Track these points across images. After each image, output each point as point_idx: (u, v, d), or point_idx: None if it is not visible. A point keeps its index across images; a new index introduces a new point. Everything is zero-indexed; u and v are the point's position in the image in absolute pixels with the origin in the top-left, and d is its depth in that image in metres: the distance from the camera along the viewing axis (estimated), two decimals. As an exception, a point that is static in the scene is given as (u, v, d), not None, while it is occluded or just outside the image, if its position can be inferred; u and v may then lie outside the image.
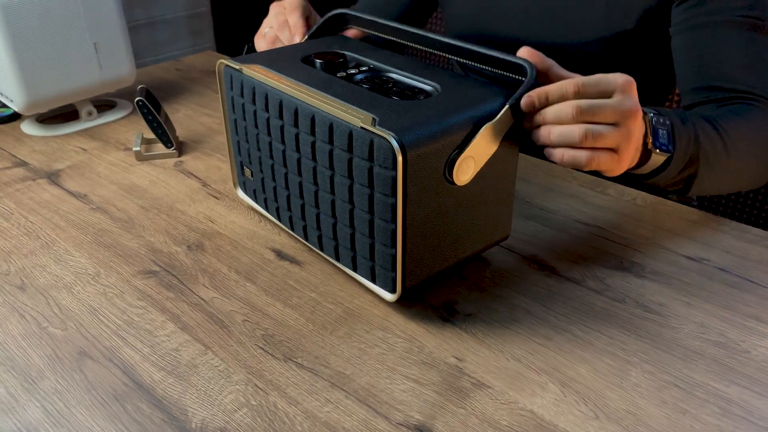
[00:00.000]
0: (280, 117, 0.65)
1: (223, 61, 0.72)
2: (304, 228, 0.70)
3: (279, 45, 0.86)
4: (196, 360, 0.58)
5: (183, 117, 1.08)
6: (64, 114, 1.09)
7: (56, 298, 0.66)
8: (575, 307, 0.65)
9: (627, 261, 0.72)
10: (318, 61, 0.70)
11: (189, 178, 0.89)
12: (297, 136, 0.64)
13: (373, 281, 0.64)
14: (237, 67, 0.70)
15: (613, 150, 0.60)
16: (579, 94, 0.58)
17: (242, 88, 0.70)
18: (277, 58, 0.72)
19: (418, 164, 0.56)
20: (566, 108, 0.58)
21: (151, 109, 0.91)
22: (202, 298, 0.66)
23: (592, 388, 0.55)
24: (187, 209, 0.82)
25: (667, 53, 0.88)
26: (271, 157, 0.69)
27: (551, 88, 0.59)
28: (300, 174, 0.66)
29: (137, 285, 0.68)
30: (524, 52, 0.62)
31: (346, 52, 0.74)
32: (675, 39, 0.82)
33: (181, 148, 0.97)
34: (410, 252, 0.60)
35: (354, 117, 0.57)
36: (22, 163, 0.93)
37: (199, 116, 1.09)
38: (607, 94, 0.59)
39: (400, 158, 0.54)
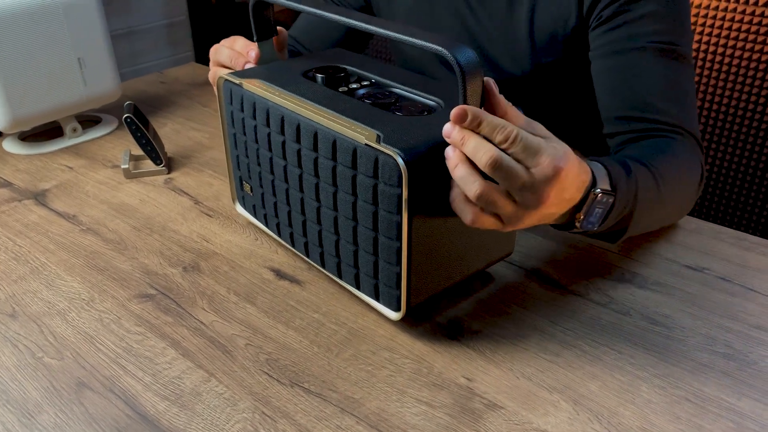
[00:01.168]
0: (281, 132, 0.64)
1: (222, 75, 0.71)
2: (306, 244, 0.69)
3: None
4: (199, 388, 0.57)
5: (170, 131, 1.06)
6: (48, 131, 1.07)
7: (50, 325, 0.64)
8: (581, 321, 0.64)
9: (629, 272, 0.71)
10: (319, 75, 0.69)
11: (180, 195, 0.87)
12: (299, 152, 0.63)
13: (377, 299, 0.63)
14: (237, 82, 0.69)
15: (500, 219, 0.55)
16: (507, 145, 0.51)
17: (242, 102, 0.68)
18: (277, 73, 0.71)
19: (424, 182, 0.55)
20: (485, 151, 0.51)
21: (140, 126, 0.89)
22: (202, 322, 0.64)
23: (604, 406, 0.55)
24: (180, 228, 0.80)
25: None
26: (272, 172, 0.68)
27: (488, 119, 0.52)
28: (301, 190, 0.65)
29: (134, 309, 0.66)
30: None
31: (347, 66, 0.73)
32: (594, 64, 0.81)
33: (171, 165, 0.95)
34: (415, 270, 0.59)
35: (358, 134, 0.56)
36: (6, 184, 0.91)
37: (186, 130, 1.07)
38: (530, 164, 0.52)
39: (405, 176, 0.53)
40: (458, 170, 0.53)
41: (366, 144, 0.56)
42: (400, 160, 0.53)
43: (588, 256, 0.74)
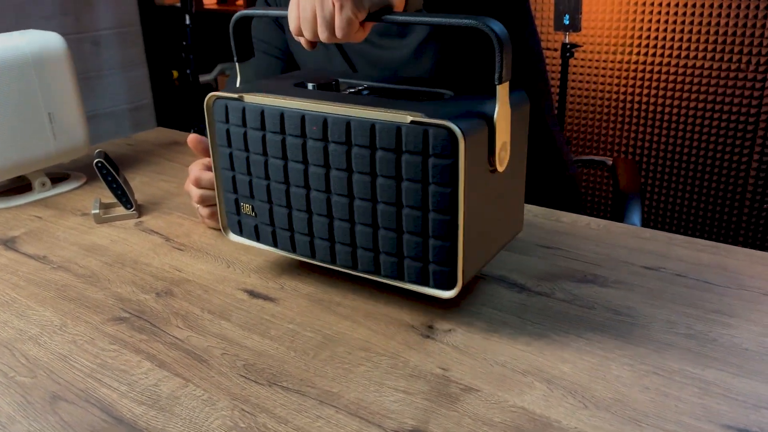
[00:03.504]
0: (302, 134, 0.64)
1: (214, 94, 0.70)
2: (331, 249, 0.67)
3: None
4: (177, 392, 0.56)
5: (140, 184, 1.08)
6: (16, 188, 1.08)
7: (22, 349, 0.63)
8: (549, 316, 0.66)
9: (590, 274, 0.75)
10: (311, 84, 0.70)
11: (151, 235, 0.88)
12: (325, 149, 0.63)
13: (424, 284, 0.63)
14: (236, 96, 0.68)
15: None
16: None
17: (244, 115, 0.67)
18: (270, 86, 0.70)
19: (472, 151, 0.57)
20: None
21: (111, 170, 0.91)
22: (177, 338, 0.65)
23: (577, 383, 0.56)
24: (152, 261, 0.81)
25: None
26: (286, 180, 0.67)
27: None
28: (328, 190, 0.64)
29: (108, 331, 0.66)
30: None
31: (337, 78, 0.74)
32: None
33: (140, 210, 0.97)
34: (466, 242, 0.60)
35: (399, 115, 0.58)
36: (-26, 234, 0.91)
37: (155, 182, 1.09)
38: None
39: (462, 144, 0.56)
40: None
41: (412, 121, 0.58)
42: (455, 127, 0.56)
43: (551, 264, 0.77)
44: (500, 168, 0.62)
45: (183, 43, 2.35)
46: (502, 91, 0.59)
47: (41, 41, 0.98)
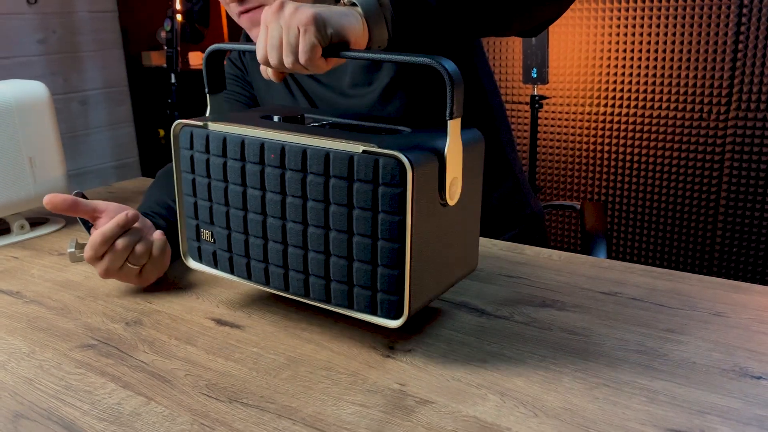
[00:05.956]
0: (260, 162, 0.66)
1: (181, 121, 0.72)
2: (284, 276, 0.68)
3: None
4: (139, 410, 0.58)
5: (117, 226, 1.11)
6: (-6, 232, 1.10)
7: (-12, 375, 0.64)
8: (506, 337, 0.68)
9: (549, 300, 0.77)
10: (276, 116, 0.72)
11: (125, 271, 0.90)
12: (282, 176, 0.65)
13: (373, 312, 0.64)
14: (201, 123, 0.70)
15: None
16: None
17: (207, 143, 0.69)
18: (237, 116, 0.73)
19: (420, 182, 0.59)
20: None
21: (87, 209, 0.93)
22: (143, 362, 0.66)
23: (529, 394, 0.58)
24: (124, 295, 0.82)
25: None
26: (244, 207, 0.69)
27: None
28: (283, 217, 0.66)
29: (75, 357, 0.67)
30: None
31: (304, 113, 0.77)
32: None
33: (116, 250, 0.99)
34: (414, 272, 0.61)
35: (352, 145, 0.61)
36: (-50, 273, 0.92)
37: (132, 225, 1.11)
38: None
39: (410, 173, 0.58)
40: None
41: (363, 151, 0.60)
42: (404, 158, 0.58)
43: (511, 291, 0.79)
44: (451, 202, 0.63)
45: (168, 101, 2.42)
46: (454, 126, 0.62)
47: (24, 89, 1.02)
